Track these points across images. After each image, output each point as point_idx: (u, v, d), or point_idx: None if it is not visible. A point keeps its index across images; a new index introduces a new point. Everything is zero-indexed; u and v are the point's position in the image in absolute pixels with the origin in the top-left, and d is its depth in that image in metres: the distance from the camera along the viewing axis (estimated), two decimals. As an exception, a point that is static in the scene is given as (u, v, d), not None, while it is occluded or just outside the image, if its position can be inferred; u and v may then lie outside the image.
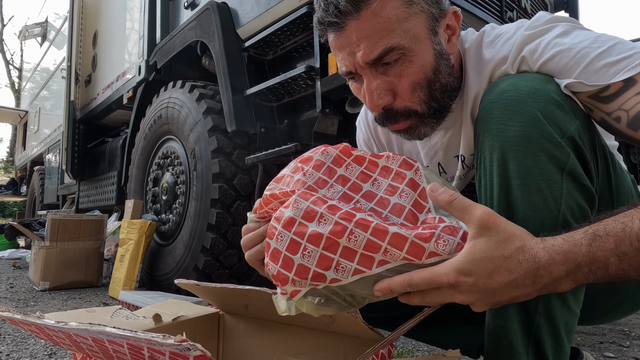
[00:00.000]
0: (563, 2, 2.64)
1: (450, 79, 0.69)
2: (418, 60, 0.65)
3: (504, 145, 0.57)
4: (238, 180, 2.06)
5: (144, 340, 0.44)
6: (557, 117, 0.56)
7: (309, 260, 0.51)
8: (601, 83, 0.56)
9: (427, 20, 0.65)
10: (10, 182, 8.52)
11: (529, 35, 0.63)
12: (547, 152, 0.55)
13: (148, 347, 0.46)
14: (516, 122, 0.56)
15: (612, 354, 1.37)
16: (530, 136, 0.55)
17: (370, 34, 0.63)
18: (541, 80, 0.59)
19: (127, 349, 0.49)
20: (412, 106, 0.68)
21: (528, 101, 0.56)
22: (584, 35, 0.59)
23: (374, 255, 0.50)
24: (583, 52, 0.58)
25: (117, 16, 3.54)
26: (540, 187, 0.55)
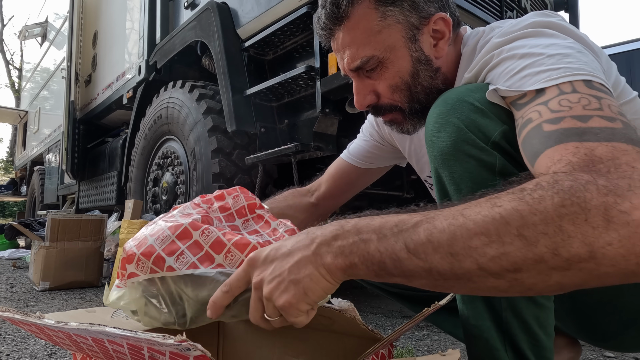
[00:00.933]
0: (563, 2, 2.64)
1: (435, 82, 0.74)
2: (393, 67, 0.72)
3: (437, 156, 0.62)
4: (238, 180, 2.06)
5: (144, 340, 0.43)
6: (480, 125, 0.59)
7: (159, 244, 0.54)
8: (513, 89, 0.56)
9: (404, 29, 0.71)
10: (10, 182, 8.52)
11: (495, 44, 0.64)
12: (475, 158, 0.59)
13: (148, 347, 0.46)
14: (444, 133, 0.61)
15: (612, 354, 1.37)
16: (457, 145, 0.60)
17: (350, 44, 0.73)
18: (469, 90, 0.63)
19: (127, 349, 0.49)
20: (394, 103, 0.76)
21: (452, 113, 0.61)
22: (535, 42, 0.59)
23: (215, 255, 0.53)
24: (517, 62, 0.58)
25: (117, 16, 3.54)
26: (474, 190, 0.57)
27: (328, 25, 0.74)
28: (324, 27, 0.75)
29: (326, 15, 0.73)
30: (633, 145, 0.42)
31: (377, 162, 1.03)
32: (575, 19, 2.60)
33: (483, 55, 0.65)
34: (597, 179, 0.40)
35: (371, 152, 1.02)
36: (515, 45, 0.61)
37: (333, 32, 0.74)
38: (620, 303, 0.66)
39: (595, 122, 0.46)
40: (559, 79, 0.52)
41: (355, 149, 1.03)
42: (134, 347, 0.48)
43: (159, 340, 0.42)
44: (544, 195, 0.40)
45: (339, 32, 0.73)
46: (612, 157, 0.42)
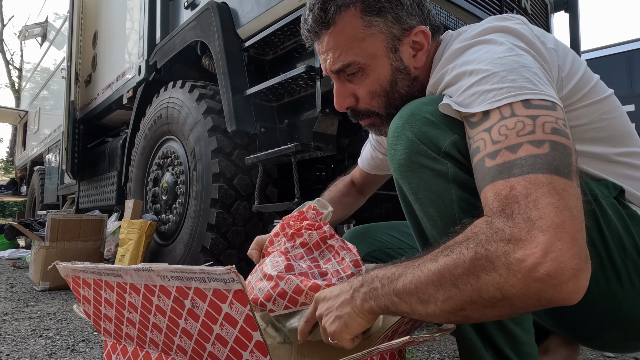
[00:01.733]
0: (563, 2, 2.64)
1: (411, 90, 0.78)
2: (373, 74, 0.76)
3: (395, 168, 0.67)
4: (238, 180, 2.06)
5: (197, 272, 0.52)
6: (431, 136, 0.63)
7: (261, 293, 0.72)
8: (464, 109, 0.60)
9: (386, 39, 0.75)
10: (10, 182, 8.51)
11: (450, 54, 0.68)
12: (429, 168, 0.63)
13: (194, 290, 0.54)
14: (400, 146, 0.66)
15: (612, 354, 1.37)
16: (411, 157, 0.64)
17: (333, 48, 0.76)
18: (422, 103, 0.67)
19: (172, 300, 0.57)
20: (371, 108, 0.80)
21: (406, 126, 0.65)
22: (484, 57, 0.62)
23: (298, 297, 0.70)
24: (467, 79, 0.61)
25: (117, 16, 3.54)
26: (431, 198, 0.63)
27: (314, 28, 0.77)
28: (310, 30, 0.78)
29: (313, 19, 0.77)
30: (548, 173, 0.49)
31: (378, 169, 1.09)
32: (575, 19, 2.60)
33: (441, 67, 0.69)
34: (504, 226, 0.49)
35: (374, 160, 1.08)
36: (465, 60, 0.64)
37: (319, 35, 0.78)
38: (592, 304, 0.65)
39: (523, 151, 0.52)
40: (501, 101, 0.56)
41: (363, 156, 1.11)
42: (180, 294, 0.56)
43: (210, 269, 0.50)
44: (463, 251, 0.51)
45: (325, 36, 0.77)
46: (525, 194, 0.49)
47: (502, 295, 0.48)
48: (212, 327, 0.54)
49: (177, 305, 0.57)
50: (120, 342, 0.71)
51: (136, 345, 0.67)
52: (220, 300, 0.52)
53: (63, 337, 1.51)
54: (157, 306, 0.59)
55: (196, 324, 0.56)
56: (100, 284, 0.66)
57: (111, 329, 0.70)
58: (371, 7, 0.74)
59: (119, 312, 0.66)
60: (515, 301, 0.48)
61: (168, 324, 0.60)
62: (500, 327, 0.62)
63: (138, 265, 0.58)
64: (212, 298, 0.53)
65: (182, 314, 0.57)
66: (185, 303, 0.56)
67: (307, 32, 0.80)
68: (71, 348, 1.38)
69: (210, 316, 0.54)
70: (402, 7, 0.75)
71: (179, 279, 0.54)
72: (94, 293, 0.69)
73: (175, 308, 0.57)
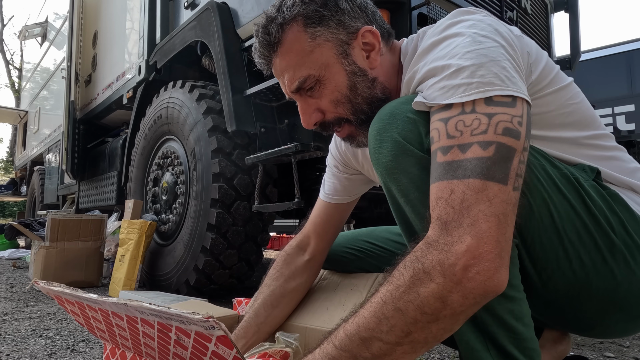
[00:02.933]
0: (563, 2, 2.63)
1: (373, 92, 0.77)
2: (330, 83, 0.75)
3: (383, 171, 0.65)
4: (238, 180, 2.06)
5: (175, 315, 0.49)
6: (415, 134, 0.63)
7: None
8: (434, 103, 0.61)
9: (334, 46, 0.74)
10: (10, 182, 8.51)
11: (421, 52, 0.68)
12: (417, 167, 0.62)
13: (176, 328, 0.51)
14: (385, 149, 0.64)
15: (612, 354, 1.37)
16: (397, 158, 0.63)
17: (287, 68, 0.76)
18: (400, 103, 0.67)
19: (156, 330, 0.54)
20: (339, 115, 0.78)
21: (388, 127, 0.65)
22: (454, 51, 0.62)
23: None
24: (439, 76, 0.62)
25: (117, 16, 3.54)
26: (422, 199, 0.62)
27: (264, 52, 0.77)
28: (261, 56, 0.78)
29: (260, 43, 0.77)
30: (484, 179, 0.53)
31: (354, 191, 1.00)
32: (575, 19, 2.60)
33: (412, 66, 0.69)
34: (439, 237, 0.53)
35: (344, 185, 0.99)
36: (435, 56, 0.64)
37: (270, 58, 0.78)
38: (592, 289, 0.67)
39: (470, 153, 0.55)
40: (470, 96, 0.57)
41: (330, 187, 1.00)
42: (163, 328, 0.53)
43: (188, 316, 0.47)
44: (402, 272, 0.54)
45: (275, 58, 0.77)
46: (461, 199, 0.53)
47: (443, 303, 0.52)
48: (203, 358, 0.53)
49: (162, 335, 0.55)
50: (119, 347, 0.69)
51: (134, 353, 0.66)
52: (205, 340, 0.51)
53: (63, 337, 1.51)
54: (143, 332, 0.57)
55: (186, 352, 0.54)
56: (83, 304, 0.64)
57: (107, 337, 0.68)
58: (312, 19, 0.74)
59: (109, 328, 0.64)
60: (456, 306, 0.52)
61: (159, 347, 0.58)
62: (502, 324, 0.62)
63: (113, 299, 0.55)
64: (196, 337, 0.51)
65: (169, 342, 0.55)
66: (170, 335, 0.54)
67: (259, 59, 0.80)
68: (71, 348, 1.38)
69: (199, 350, 0.53)
70: (342, 12, 0.75)
71: (158, 317, 0.52)
72: (80, 310, 0.66)
73: (162, 337, 0.56)
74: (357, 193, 1.01)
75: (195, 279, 2.10)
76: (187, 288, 2.16)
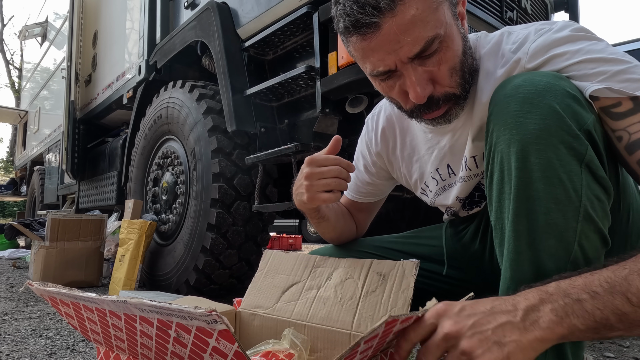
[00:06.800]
0: (563, 2, 2.63)
1: (472, 60, 0.72)
2: (453, 46, 0.67)
3: (524, 138, 0.57)
4: (238, 180, 2.06)
5: (176, 311, 0.47)
6: (574, 111, 0.56)
7: None
8: (628, 92, 0.57)
9: (450, 7, 0.67)
10: (10, 182, 8.51)
11: (559, 39, 0.64)
12: (567, 145, 0.55)
13: (176, 324, 0.49)
14: (535, 115, 0.56)
15: (612, 354, 1.37)
16: (550, 129, 0.56)
17: (408, 28, 0.63)
18: (555, 77, 0.60)
19: (155, 328, 0.52)
20: (450, 90, 0.70)
21: (546, 95, 0.57)
22: (609, 51, 0.61)
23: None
24: (609, 64, 0.59)
25: (117, 16, 3.54)
26: (562, 179, 0.55)
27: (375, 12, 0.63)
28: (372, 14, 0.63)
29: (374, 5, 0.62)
30: None
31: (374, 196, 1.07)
32: (575, 19, 2.60)
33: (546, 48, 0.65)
34: None
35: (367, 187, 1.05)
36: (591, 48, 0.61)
37: (383, 19, 0.63)
38: None
39: None
40: None
41: (354, 187, 1.06)
42: (163, 325, 0.51)
43: (190, 310, 0.45)
44: None
45: (391, 19, 0.63)
46: None
47: None
48: (203, 355, 0.52)
49: (161, 332, 0.53)
50: (113, 351, 0.68)
51: (129, 355, 0.65)
52: (206, 336, 0.49)
53: (63, 337, 1.51)
54: (141, 331, 0.56)
55: (185, 350, 0.53)
56: (79, 305, 0.61)
57: (101, 339, 0.67)
58: None
59: (104, 330, 0.62)
60: None
61: (156, 345, 0.57)
62: None
63: (112, 297, 0.53)
64: (196, 333, 0.50)
65: (168, 340, 0.54)
66: (169, 332, 0.52)
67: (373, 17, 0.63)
68: (71, 348, 1.38)
69: (198, 346, 0.51)
70: None
71: (159, 313, 0.50)
72: (75, 312, 0.64)
73: (161, 335, 0.54)
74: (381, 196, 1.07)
75: (195, 279, 2.10)
76: (187, 288, 2.16)
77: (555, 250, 0.55)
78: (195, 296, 1.46)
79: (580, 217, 0.55)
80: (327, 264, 0.90)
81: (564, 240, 0.55)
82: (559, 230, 0.55)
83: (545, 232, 0.56)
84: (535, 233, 0.56)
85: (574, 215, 0.55)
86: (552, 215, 0.55)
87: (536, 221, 0.56)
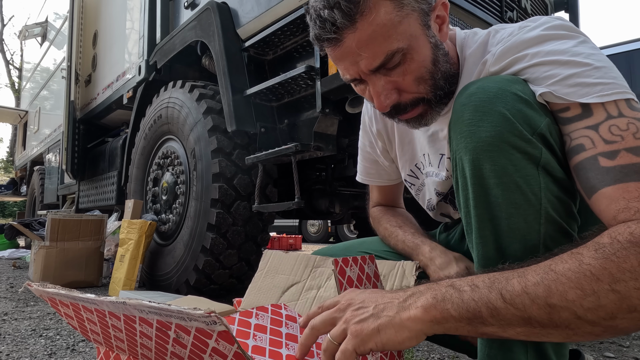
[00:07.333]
0: (563, 2, 2.64)
1: (448, 66, 0.73)
2: (418, 57, 0.68)
3: (477, 146, 0.58)
4: (238, 180, 2.06)
5: (175, 312, 0.47)
6: (526, 115, 0.57)
7: None
8: (567, 99, 0.57)
9: (419, 17, 0.68)
10: (10, 182, 8.51)
11: (525, 40, 0.64)
12: (520, 149, 0.56)
13: (176, 325, 0.50)
14: (487, 122, 0.58)
15: (612, 354, 1.37)
16: (502, 135, 0.57)
17: (369, 42, 0.66)
18: (508, 81, 0.60)
19: (155, 329, 0.53)
20: (418, 95, 0.71)
21: (496, 101, 0.58)
22: (572, 52, 0.59)
23: None
24: (563, 67, 0.58)
25: (117, 16, 3.54)
26: (519, 183, 0.56)
27: (340, 27, 0.65)
28: (335, 31, 0.66)
29: (340, 13, 0.65)
30: None
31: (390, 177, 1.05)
32: (575, 19, 2.60)
33: (512, 50, 0.64)
34: None
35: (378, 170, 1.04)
36: (554, 49, 0.60)
37: (342, 35, 0.66)
38: None
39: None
40: (610, 96, 0.54)
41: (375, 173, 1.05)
42: (162, 326, 0.51)
43: (189, 311, 0.46)
44: (627, 255, 0.46)
45: (351, 34, 0.66)
46: None
47: None
48: (202, 355, 0.52)
49: (161, 333, 0.54)
50: (113, 351, 0.69)
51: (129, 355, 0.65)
52: (206, 337, 0.49)
53: (63, 337, 1.51)
54: (140, 332, 0.56)
55: (185, 350, 0.53)
56: (78, 306, 0.62)
57: (100, 340, 0.67)
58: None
59: (104, 330, 0.63)
60: None
61: (156, 346, 0.57)
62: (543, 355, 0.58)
63: (111, 298, 0.53)
64: (196, 334, 0.50)
65: (168, 340, 0.54)
66: (169, 333, 0.52)
67: (332, 34, 0.66)
68: (71, 348, 1.38)
69: (198, 347, 0.51)
70: None
71: (158, 314, 0.50)
72: (74, 312, 0.64)
73: (160, 336, 0.54)
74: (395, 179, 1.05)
75: (195, 279, 2.10)
76: (187, 288, 2.16)
77: (521, 253, 0.56)
78: (195, 296, 1.46)
79: (542, 219, 0.56)
80: (327, 264, 0.90)
81: (528, 244, 0.56)
82: (522, 234, 0.56)
83: (509, 237, 0.57)
84: (500, 238, 0.58)
85: (536, 219, 0.56)
86: (514, 220, 0.57)
87: (499, 227, 0.58)
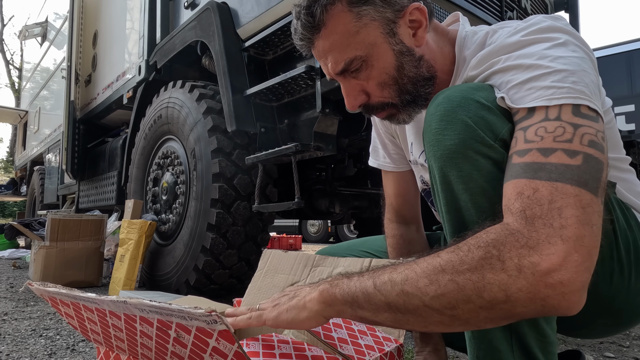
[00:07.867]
0: (563, 2, 2.64)
1: (419, 70, 0.75)
2: (378, 64, 0.73)
3: (444, 154, 0.61)
4: (238, 180, 2.06)
5: (176, 311, 0.48)
6: (488, 122, 0.59)
7: None
8: (514, 105, 0.58)
9: (381, 26, 0.72)
10: (10, 182, 8.51)
11: (504, 46, 0.64)
12: (484, 155, 0.58)
13: (176, 324, 0.51)
14: (451, 131, 0.60)
15: (612, 354, 1.37)
16: (465, 142, 0.59)
17: (331, 49, 0.74)
18: (472, 89, 0.62)
19: (155, 329, 0.53)
20: (384, 100, 0.76)
21: (459, 110, 0.60)
22: (540, 54, 0.59)
23: None
24: (523, 71, 0.59)
25: (117, 16, 3.54)
26: (484, 189, 0.58)
27: (306, 35, 0.75)
28: (303, 38, 0.76)
29: (302, 25, 0.74)
30: (577, 186, 0.49)
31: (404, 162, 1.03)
32: (575, 19, 2.60)
33: (491, 55, 0.65)
34: (523, 229, 0.48)
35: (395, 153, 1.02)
36: (525, 53, 0.61)
37: (312, 41, 0.75)
38: (597, 296, 0.66)
39: (555, 158, 0.51)
40: (559, 100, 0.54)
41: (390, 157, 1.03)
42: (163, 325, 0.52)
43: (190, 311, 0.46)
44: (471, 249, 0.50)
45: (318, 40, 0.74)
46: (549, 200, 0.49)
47: (506, 297, 0.47)
48: (203, 355, 0.52)
49: (161, 333, 0.54)
50: (113, 351, 0.68)
51: (129, 354, 0.65)
52: (206, 336, 0.50)
53: (63, 337, 1.51)
54: (141, 331, 0.56)
55: (185, 350, 0.54)
56: (79, 305, 0.62)
57: (101, 340, 0.67)
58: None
59: (104, 330, 0.63)
60: (517, 304, 0.48)
61: (156, 346, 0.57)
62: (534, 325, 0.59)
63: (112, 297, 0.54)
64: (196, 333, 0.50)
65: (168, 340, 0.54)
66: (169, 332, 0.53)
67: (300, 41, 0.77)
68: (71, 348, 1.38)
69: (198, 347, 0.52)
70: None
71: (159, 313, 0.51)
72: (75, 312, 0.65)
73: (161, 335, 0.54)
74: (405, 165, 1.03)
75: (195, 279, 2.10)
76: (187, 288, 2.16)
77: None
78: (195, 296, 1.47)
79: (470, 230, 0.56)
80: (326, 263, 0.90)
81: None
82: None
83: None
84: None
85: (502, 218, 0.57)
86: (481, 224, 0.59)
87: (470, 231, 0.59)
